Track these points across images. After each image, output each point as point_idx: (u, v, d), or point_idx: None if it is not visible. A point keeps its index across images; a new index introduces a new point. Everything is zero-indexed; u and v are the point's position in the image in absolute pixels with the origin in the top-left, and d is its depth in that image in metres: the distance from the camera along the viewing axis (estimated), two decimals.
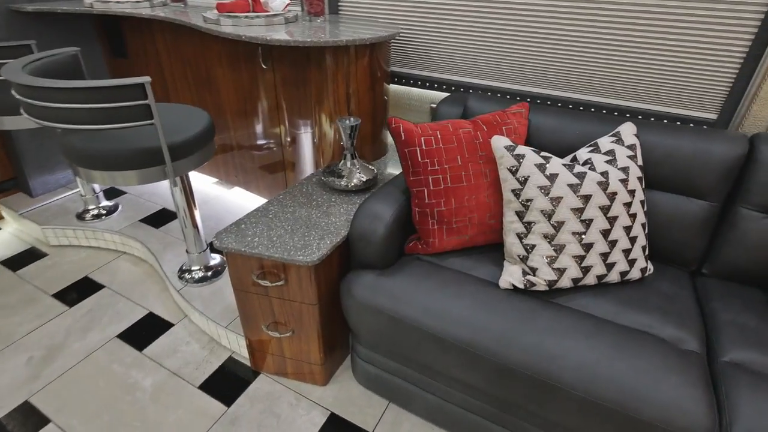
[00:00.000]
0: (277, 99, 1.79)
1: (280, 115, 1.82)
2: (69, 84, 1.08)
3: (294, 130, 1.79)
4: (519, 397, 1.08)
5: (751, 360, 1.02)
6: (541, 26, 1.53)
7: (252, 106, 1.91)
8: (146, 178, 1.32)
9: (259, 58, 1.72)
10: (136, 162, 1.27)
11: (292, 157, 1.89)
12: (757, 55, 1.26)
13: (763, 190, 1.18)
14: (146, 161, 1.28)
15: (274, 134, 1.90)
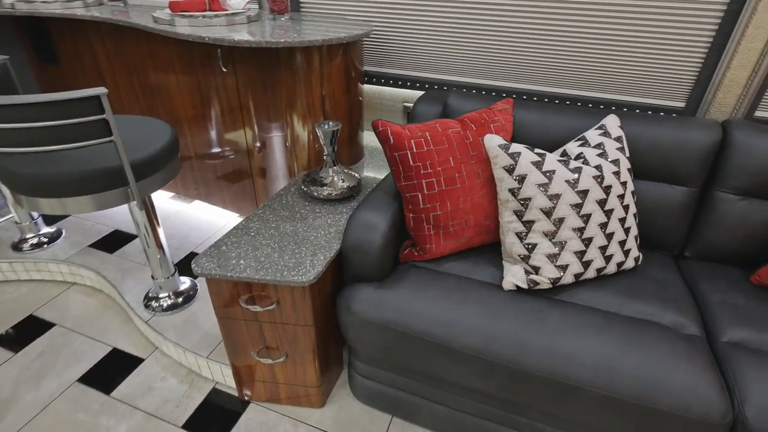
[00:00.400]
0: (241, 104, 1.66)
1: (245, 120, 1.69)
2: (7, 100, 0.91)
3: (263, 136, 1.67)
4: (536, 400, 1.06)
5: (749, 338, 1.06)
6: (515, 22, 1.52)
7: (211, 113, 1.76)
8: (105, 203, 1.16)
9: (218, 60, 1.58)
10: (93, 185, 1.12)
11: (261, 164, 1.76)
12: (720, 45, 1.32)
13: (738, 173, 1.24)
14: (105, 184, 1.13)
15: (238, 142, 1.77)
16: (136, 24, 1.49)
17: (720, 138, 1.25)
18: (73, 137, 0.99)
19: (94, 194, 1.14)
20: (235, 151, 1.80)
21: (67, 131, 0.98)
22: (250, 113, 1.64)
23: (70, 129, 0.98)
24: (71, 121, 0.96)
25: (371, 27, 1.51)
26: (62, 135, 0.98)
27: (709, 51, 1.34)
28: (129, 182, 1.13)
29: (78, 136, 1.00)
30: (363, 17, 1.70)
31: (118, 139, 1.04)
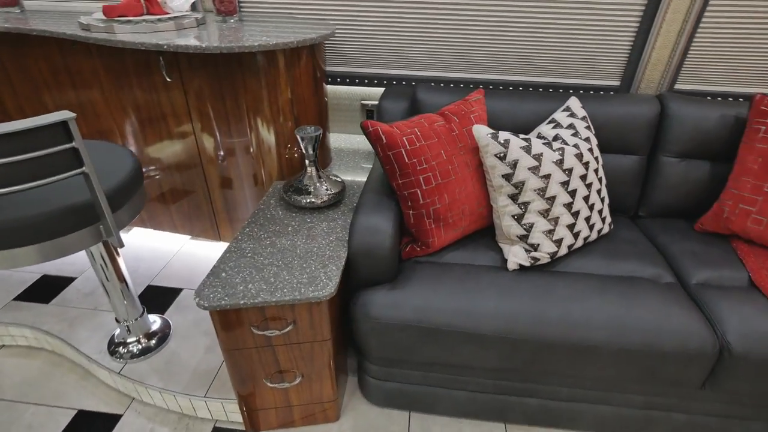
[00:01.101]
0: (191, 116, 1.51)
1: (197, 133, 1.55)
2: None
3: (225, 146, 1.54)
4: (557, 366, 1.14)
5: (711, 277, 1.25)
6: (466, 15, 1.58)
7: (153, 129, 1.58)
8: (69, 248, 0.99)
9: (161, 70, 1.42)
10: (56, 228, 0.94)
11: (221, 178, 1.63)
12: (646, 29, 1.51)
13: (676, 139, 1.44)
14: (71, 224, 0.96)
15: (190, 156, 1.61)
16: (57, 33, 1.27)
17: (659, 110, 1.44)
18: (40, 173, 0.83)
19: (56, 239, 0.96)
20: (186, 168, 1.64)
21: (28, 167, 0.82)
22: (207, 124, 1.50)
23: (31, 164, 0.81)
24: (34, 155, 0.80)
25: (334, 26, 1.46)
26: (21, 173, 0.81)
27: (637, 34, 1.53)
28: (104, 217, 0.97)
29: (46, 171, 0.84)
30: (313, 15, 1.64)
31: (91, 169, 0.89)
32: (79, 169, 0.88)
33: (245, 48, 1.15)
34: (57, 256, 0.97)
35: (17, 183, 0.81)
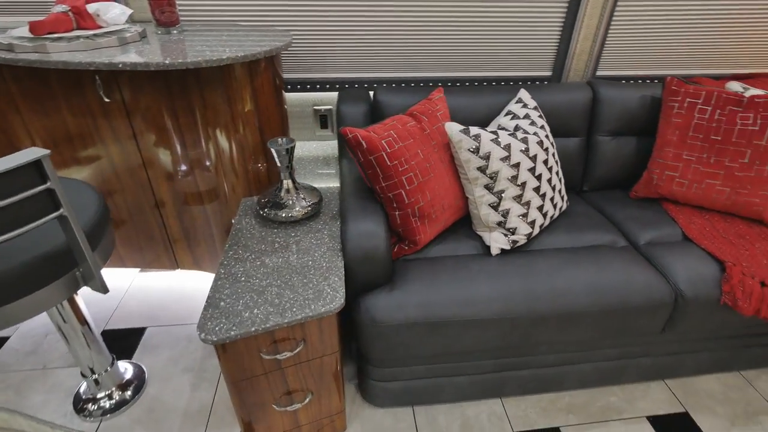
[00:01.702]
0: (137, 138, 1.38)
1: (144, 156, 1.42)
2: None
3: (180, 167, 1.43)
4: (548, 336, 1.25)
5: (653, 236, 1.45)
6: (408, 17, 1.63)
7: (89, 155, 1.41)
8: (45, 303, 0.86)
9: (98, 90, 1.28)
10: (29, 283, 0.82)
11: (176, 202, 1.51)
12: (570, 24, 1.68)
13: (608, 120, 1.63)
14: (46, 275, 0.84)
15: (137, 183, 1.46)
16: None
17: (591, 95, 1.62)
18: (15, 221, 0.71)
19: (26, 297, 0.84)
20: (132, 194, 1.49)
21: (8, 214, 0.70)
22: (157, 145, 1.38)
23: (10, 210, 0.70)
24: (3, 203, 0.69)
25: (290, 33, 1.42)
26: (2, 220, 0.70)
27: (563, 29, 1.70)
28: (83, 261, 0.87)
29: (13, 221, 0.72)
30: (257, 22, 1.58)
31: (69, 210, 0.79)
32: (56, 212, 0.77)
33: (213, 62, 1.08)
34: (27, 317, 0.84)
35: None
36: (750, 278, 1.26)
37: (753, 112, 1.41)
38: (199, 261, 1.67)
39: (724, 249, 1.34)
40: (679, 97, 1.50)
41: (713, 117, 1.45)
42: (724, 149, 1.45)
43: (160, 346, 1.49)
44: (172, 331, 1.57)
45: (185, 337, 1.54)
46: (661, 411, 1.43)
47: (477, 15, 1.64)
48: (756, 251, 1.33)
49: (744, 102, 1.42)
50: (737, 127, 1.42)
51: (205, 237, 1.59)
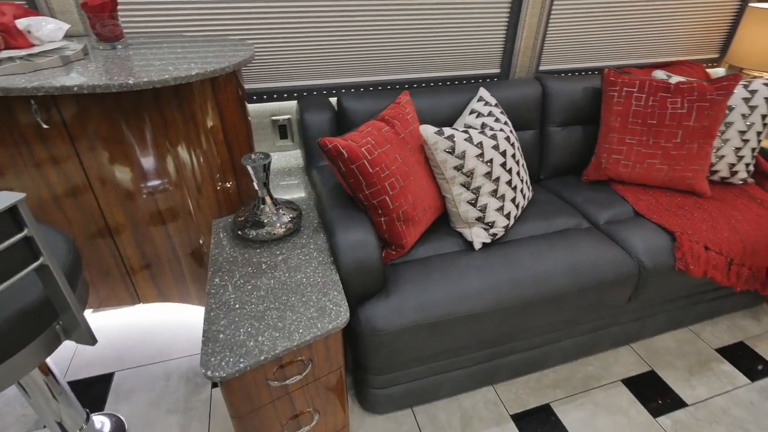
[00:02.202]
0: (83, 165, 1.24)
1: (94, 184, 1.28)
2: None
3: (140, 192, 1.31)
4: (535, 320, 1.32)
5: (611, 215, 1.58)
6: (362, 22, 1.62)
7: (23, 188, 1.24)
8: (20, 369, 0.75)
9: (34, 115, 1.13)
10: (3, 349, 0.71)
11: (135, 231, 1.38)
12: (514, 23, 1.78)
13: (557, 111, 1.75)
14: (21, 337, 0.73)
15: (86, 215, 1.32)
16: None
17: (541, 90, 1.72)
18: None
19: (2, 363, 0.73)
20: (82, 227, 1.35)
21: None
22: (111, 170, 1.25)
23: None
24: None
25: (251, 45, 1.36)
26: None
27: (508, 28, 1.79)
28: (66, 311, 0.77)
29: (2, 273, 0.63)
30: (204, 32, 1.49)
31: (50, 258, 0.70)
32: (36, 262, 0.68)
33: (182, 79, 1.00)
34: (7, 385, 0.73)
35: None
36: (696, 244, 1.42)
37: (680, 97, 1.58)
38: (165, 292, 1.54)
39: (670, 220, 1.50)
40: (617, 87, 1.65)
41: (648, 103, 1.62)
42: (659, 131, 1.61)
43: (135, 391, 1.36)
44: (144, 372, 1.44)
45: (162, 376, 1.42)
46: (632, 373, 1.57)
47: (429, 19, 1.68)
48: (695, 219, 1.51)
49: (671, 88, 1.60)
50: (668, 111, 1.59)
51: (171, 265, 1.48)
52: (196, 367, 1.46)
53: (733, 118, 1.65)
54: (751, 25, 1.92)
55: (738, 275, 1.48)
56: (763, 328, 1.77)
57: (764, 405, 1.47)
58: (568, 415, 1.43)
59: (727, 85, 1.56)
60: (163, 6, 1.41)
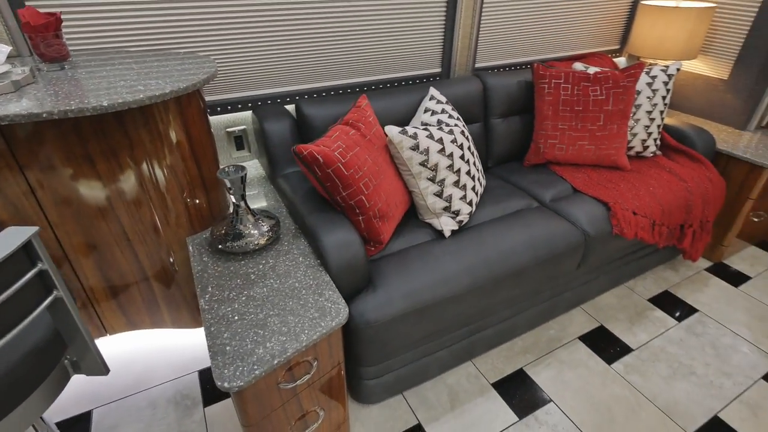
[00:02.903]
0: (35, 192, 1.17)
1: (49, 213, 1.21)
2: None
3: (102, 218, 1.25)
4: (505, 293, 1.46)
5: (554, 194, 1.77)
6: (311, 30, 1.66)
7: None
8: (33, 412, 0.72)
9: None
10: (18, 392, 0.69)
11: (98, 259, 1.31)
12: (451, 26, 1.91)
13: (496, 104, 1.91)
14: (33, 376, 0.71)
15: (44, 240, 1.24)
16: None
17: (482, 86, 1.88)
18: (12, 317, 0.60)
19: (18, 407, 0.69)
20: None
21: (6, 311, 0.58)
22: (67, 197, 1.19)
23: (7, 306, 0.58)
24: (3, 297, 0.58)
25: (212, 59, 1.34)
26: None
27: (445, 31, 1.93)
28: (76, 343, 0.75)
29: (20, 312, 0.61)
30: (147, 47, 1.44)
31: (65, 290, 0.68)
32: (51, 296, 0.66)
33: (157, 97, 0.98)
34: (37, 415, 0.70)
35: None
36: (626, 211, 1.65)
37: (599, 85, 1.82)
38: (135, 320, 1.48)
39: (603, 193, 1.73)
40: (546, 79, 1.85)
41: (573, 92, 1.83)
42: (585, 116, 1.84)
43: (120, 426, 1.30)
44: (125, 404, 1.37)
45: (147, 405, 1.36)
46: (586, 330, 1.78)
47: (374, 25, 1.76)
48: (622, 190, 1.74)
49: (591, 78, 1.82)
50: (591, 98, 1.82)
51: (140, 288, 1.42)
52: (183, 390, 1.42)
53: (641, 101, 1.93)
54: (643, 20, 2.23)
55: (660, 234, 1.74)
56: (681, 277, 2.08)
57: (691, 340, 1.75)
58: (540, 375, 1.59)
59: (634, 73, 1.81)
60: (100, 22, 1.35)
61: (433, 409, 1.47)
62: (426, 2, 1.82)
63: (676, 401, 1.51)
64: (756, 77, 2.07)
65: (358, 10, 1.70)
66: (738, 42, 2.11)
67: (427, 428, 1.42)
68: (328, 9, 1.65)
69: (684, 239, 1.85)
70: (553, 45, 2.29)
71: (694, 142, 1.99)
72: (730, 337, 1.77)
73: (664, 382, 1.58)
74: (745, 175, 1.94)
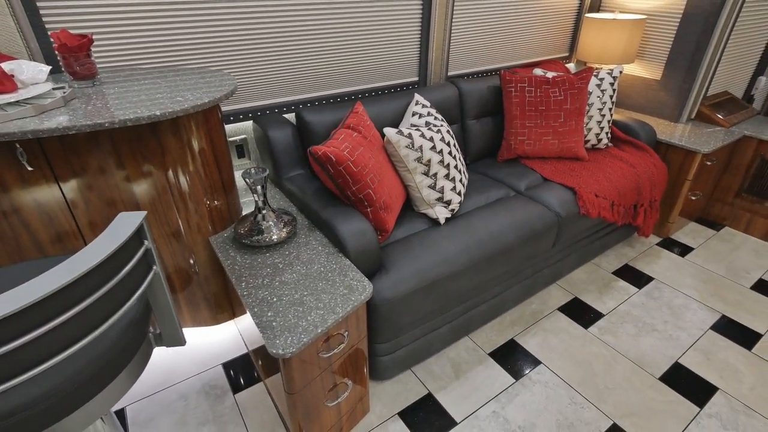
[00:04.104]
0: (69, 204, 1.25)
1: (81, 224, 1.29)
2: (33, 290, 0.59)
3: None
4: (496, 270, 1.66)
5: (527, 183, 2.01)
6: (302, 46, 1.83)
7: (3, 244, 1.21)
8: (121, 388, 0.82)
9: (20, 158, 1.13)
10: (120, 359, 0.79)
11: None
12: (426, 39, 2.13)
13: (471, 107, 2.14)
14: (127, 351, 0.81)
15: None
16: None
17: (457, 91, 2.10)
18: (120, 298, 0.71)
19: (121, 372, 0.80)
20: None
21: (117, 293, 0.70)
22: (99, 207, 1.27)
23: (119, 288, 0.70)
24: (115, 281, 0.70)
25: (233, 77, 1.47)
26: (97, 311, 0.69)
27: (421, 43, 2.14)
28: (167, 315, 0.86)
29: (127, 293, 0.72)
30: (159, 62, 1.55)
31: (159, 265, 0.80)
32: (152, 272, 0.78)
33: (198, 107, 1.10)
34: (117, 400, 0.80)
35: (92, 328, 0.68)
36: (589, 194, 1.91)
37: (557, 87, 2.09)
38: None
39: (569, 180, 1.98)
40: (512, 84, 2.10)
41: (536, 94, 2.09)
42: (548, 114, 2.10)
43: (155, 418, 1.37)
44: (156, 399, 1.44)
45: (178, 398, 1.44)
46: (563, 302, 2.02)
47: (360, 39, 1.94)
48: (584, 176, 2.01)
49: (550, 81, 2.09)
50: (552, 99, 2.09)
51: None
52: (210, 382, 1.51)
53: (593, 100, 2.22)
54: (587, 31, 2.55)
55: (618, 213, 2.02)
56: (637, 251, 2.38)
57: (650, 303, 2.02)
58: (528, 343, 1.80)
59: (585, 76, 2.10)
60: (112, 42, 1.45)
61: (440, 380, 1.64)
62: (404, 20, 2.03)
63: (643, 353, 1.76)
64: (683, 77, 2.43)
65: (346, 28, 1.88)
66: (666, 47, 2.47)
67: (437, 396, 1.58)
68: (319, 27, 1.82)
69: (638, 217, 2.14)
70: (513, 54, 2.57)
71: (639, 133, 2.31)
72: (682, 298, 2.06)
73: (632, 339, 1.83)
74: (682, 160, 2.27)
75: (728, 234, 2.56)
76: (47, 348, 0.60)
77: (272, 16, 1.70)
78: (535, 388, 1.61)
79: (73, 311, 0.61)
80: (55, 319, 0.59)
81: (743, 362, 1.73)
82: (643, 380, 1.64)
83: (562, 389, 1.60)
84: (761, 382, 1.64)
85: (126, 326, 0.80)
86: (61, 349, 0.63)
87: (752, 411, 1.53)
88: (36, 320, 0.58)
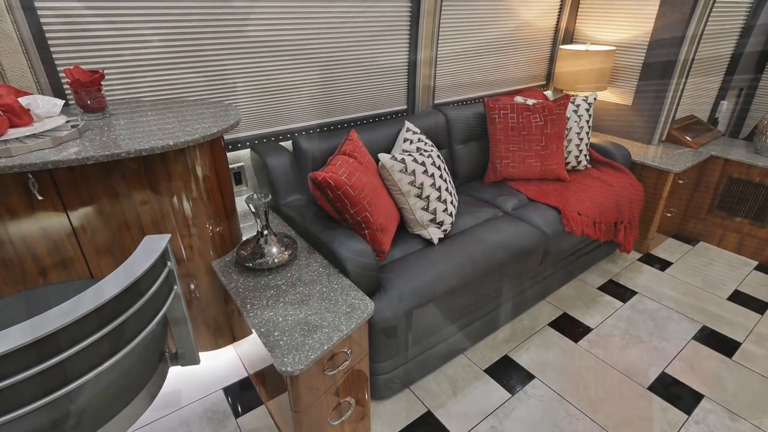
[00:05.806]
0: (76, 232, 1.28)
1: (87, 250, 1.32)
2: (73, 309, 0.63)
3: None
4: (489, 288, 1.73)
5: (514, 203, 2.11)
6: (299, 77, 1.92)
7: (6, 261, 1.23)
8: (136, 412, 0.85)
9: (32, 189, 1.17)
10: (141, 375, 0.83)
11: None
12: (413, 69, 2.26)
13: (457, 133, 2.26)
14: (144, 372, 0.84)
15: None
16: None
17: (445, 118, 2.22)
18: (144, 320, 0.76)
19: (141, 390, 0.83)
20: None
21: (141, 316, 0.74)
22: (105, 235, 1.31)
23: (143, 312, 0.74)
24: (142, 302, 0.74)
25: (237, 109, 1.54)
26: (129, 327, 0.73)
27: (409, 74, 2.27)
28: (185, 334, 0.90)
29: (151, 315, 0.77)
30: (160, 96, 1.62)
31: (179, 286, 0.85)
32: (173, 291, 0.83)
33: (208, 137, 1.17)
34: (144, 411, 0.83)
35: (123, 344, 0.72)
36: (573, 212, 2.02)
37: (538, 113, 2.22)
38: None
39: (553, 200, 2.09)
40: (496, 111, 2.23)
41: (518, 120, 2.22)
42: (530, 139, 2.23)
43: None
44: (159, 426, 1.44)
45: (180, 424, 1.44)
46: (553, 317, 2.09)
47: (352, 71, 2.05)
48: (567, 196, 2.12)
49: (531, 108, 2.23)
50: (533, 124, 2.22)
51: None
52: (211, 407, 1.51)
53: (570, 125, 2.36)
54: (563, 61, 2.73)
55: (600, 230, 2.13)
56: (620, 267, 2.49)
57: (635, 316, 2.11)
58: (522, 358, 1.85)
59: (563, 103, 2.24)
60: (122, 76, 1.51)
61: (438, 397, 1.67)
62: (393, 52, 2.15)
63: (631, 364, 1.83)
64: (652, 102, 2.60)
65: (338, 60, 1.99)
66: (635, 75, 2.65)
67: (437, 413, 1.61)
68: (312, 59, 1.92)
69: (618, 234, 2.25)
70: (495, 82, 2.72)
71: (615, 155, 2.45)
72: (665, 310, 2.15)
73: (620, 351, 1.90)
74: (656, 179, 2.41)
75: (703, 248, 2.69)
76: (86, 362, 0.64)
77: (268, 50, 1.80)
78: (530, 402, 1.65)
79: (107, 328, 0.65)
80: (92, 336, 0.64)
81: (725, 370, 1.81)
82: (633, 390, 1.71)
83: (557, 402, 1.65)
84: (743, 389, 1.72)
85: (148, 344, 0.83)
86: (93, 366, 0.67)
87: (736, 416, 1.60)
88: (74, 338, 0.62)
